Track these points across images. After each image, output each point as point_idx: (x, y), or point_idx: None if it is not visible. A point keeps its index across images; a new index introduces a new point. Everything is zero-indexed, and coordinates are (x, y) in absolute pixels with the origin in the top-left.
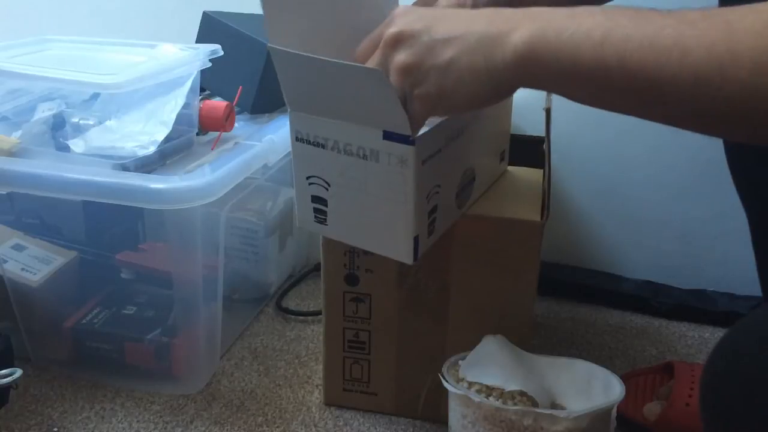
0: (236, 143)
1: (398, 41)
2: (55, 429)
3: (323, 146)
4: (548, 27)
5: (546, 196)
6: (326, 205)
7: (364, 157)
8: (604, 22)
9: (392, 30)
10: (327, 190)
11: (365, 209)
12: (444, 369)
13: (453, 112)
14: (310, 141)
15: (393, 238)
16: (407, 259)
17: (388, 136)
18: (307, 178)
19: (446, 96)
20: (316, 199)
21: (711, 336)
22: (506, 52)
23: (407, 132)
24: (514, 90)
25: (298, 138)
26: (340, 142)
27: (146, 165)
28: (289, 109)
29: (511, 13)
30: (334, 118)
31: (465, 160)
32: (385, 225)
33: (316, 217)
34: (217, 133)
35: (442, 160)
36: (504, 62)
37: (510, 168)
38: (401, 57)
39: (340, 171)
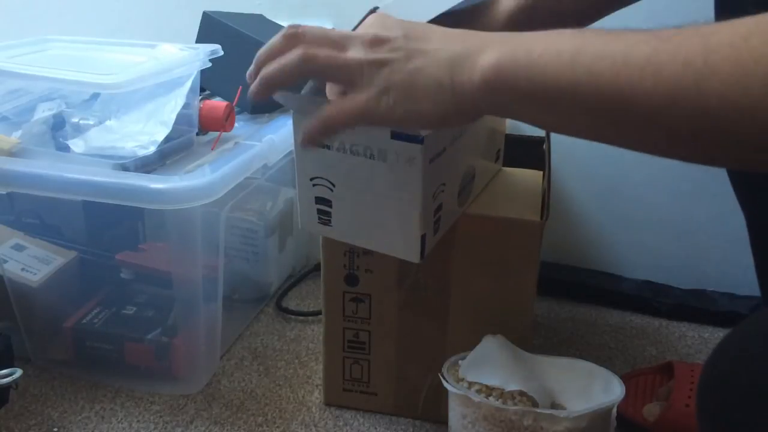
0: (236, 143)
1: (374, 43)
2: (55, 429)
3: (328, 147)
4: (518, 47)
5: (546, 196)
6: (330, 206)
7: (371, 156)
8: (575, 41)
9: (369, 33)
10: (332, 191)
11: (371, 209)
12: (444, 369)
13: (412, 123)
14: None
15: (400, 238)
16: (414, 258)
17: (397, 135)
18: (311, 179)
19: (410, 98)
20: (320, 200)
21: (711, 336)
22: (474, 71)
23: (415, 132)
24: (478, 112)
25: None
26: (346, 143)
27: (146, 165)
28: (292, 112)
29: (484, 35)
30: None
31: (466, 159)
32: (391, 224)
33: (319, 218)
34: (217, 133)
35: (447, 159)
36: (471, 81)
37: (510, 169)
38: (378, 53)
39: (345, 171)
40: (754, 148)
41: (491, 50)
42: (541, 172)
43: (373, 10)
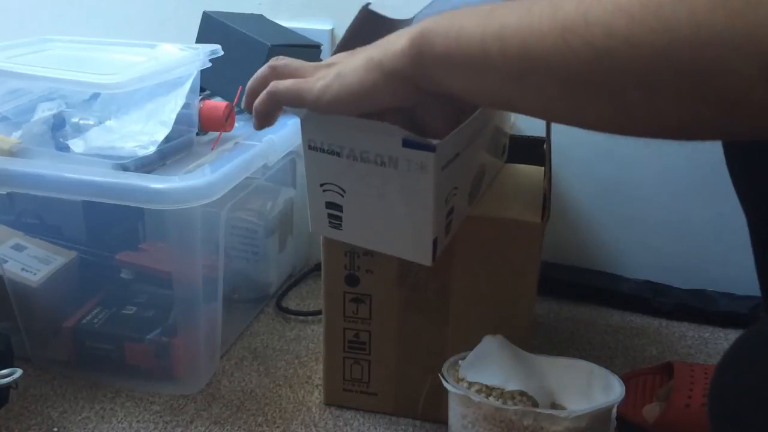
0: (236, 143)
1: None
2: (55, 429)
3: (338, 154)
4: (445, 14)
5: (547, 197)
6: (341, 211)
7: (382, 164)
8: (494, 4)
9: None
10: (342, 196)
11: (383, 214)
12: (444, 369)
13: (344, 100)
14: (324, 149)
15: (411, 241)
16: (426, 261)
17: (408, 143)
18: (321, 185)
19: (343, 75)
20: (330, 205)
21: (711, 336)
22: (402, 39)
23: (427, 140)
24: (407, 82)
25: (311, 146)
26: (357, 150)
27: (146, 165)
28: (300, 118)
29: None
30: (350, 128)
31: (478, 159)
32: (403, 229)
33: (330, 222)
34: (217, 133)
35: (460, 163)
36: (399, 47)
37: (511, 165)
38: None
39: (356, 178)
40: (642, 86)
41: (422, 22)
42: (543, 168)
43: (366, 6)
